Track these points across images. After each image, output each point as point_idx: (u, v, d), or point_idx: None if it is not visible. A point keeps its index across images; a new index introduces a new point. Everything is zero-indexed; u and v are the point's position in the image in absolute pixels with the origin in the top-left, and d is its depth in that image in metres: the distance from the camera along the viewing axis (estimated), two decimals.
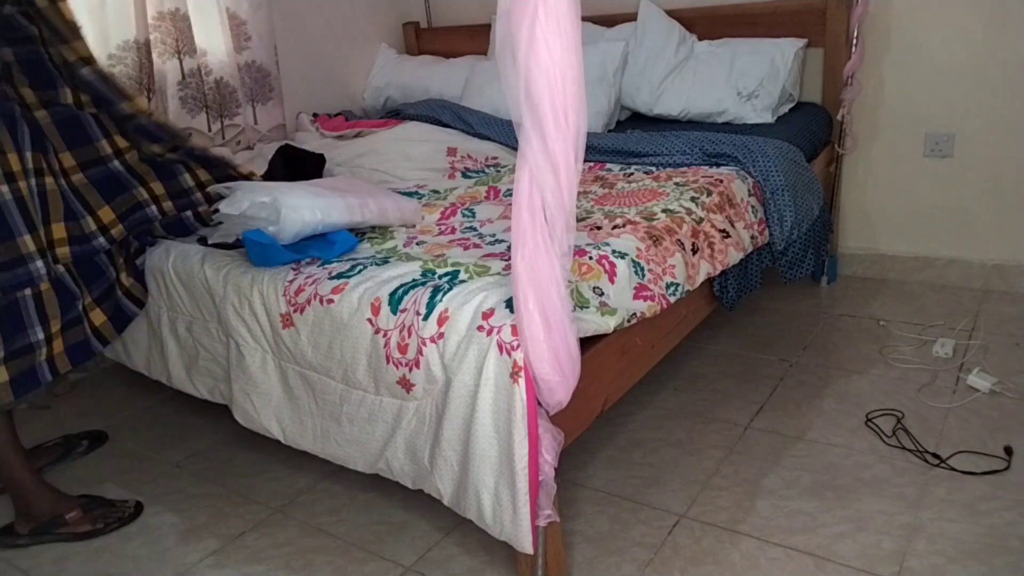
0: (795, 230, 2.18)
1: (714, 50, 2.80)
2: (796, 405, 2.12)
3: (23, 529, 1.81)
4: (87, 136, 1.83)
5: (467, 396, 1.38)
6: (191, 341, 1.91)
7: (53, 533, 1.81)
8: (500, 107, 2.87)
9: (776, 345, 2.47)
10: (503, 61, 1.16)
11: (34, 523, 1.81)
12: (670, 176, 2.16)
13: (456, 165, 2.58)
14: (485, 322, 1.38)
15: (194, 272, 1.85)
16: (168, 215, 1.99)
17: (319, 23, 3.28)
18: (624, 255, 1.62)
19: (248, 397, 1.77)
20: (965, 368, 2.19)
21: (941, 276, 2.81)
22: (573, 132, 1.18)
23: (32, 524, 1.81)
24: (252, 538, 1.79)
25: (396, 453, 1.54)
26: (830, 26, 2.69)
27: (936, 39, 2.61)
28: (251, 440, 2.01)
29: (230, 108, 2.88)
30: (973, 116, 2.61)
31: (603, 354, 1.56)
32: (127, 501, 1.92)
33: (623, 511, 1.76)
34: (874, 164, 2.84)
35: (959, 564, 1.51)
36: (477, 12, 3.50)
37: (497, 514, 1.38)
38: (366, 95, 3.49)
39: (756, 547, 1.61)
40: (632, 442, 2.02)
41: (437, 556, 1.67)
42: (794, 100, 2.76)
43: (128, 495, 1.96)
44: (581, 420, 1.56)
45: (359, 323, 1.53)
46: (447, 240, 1.84)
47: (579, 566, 1.60)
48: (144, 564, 1.73)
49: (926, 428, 1.94)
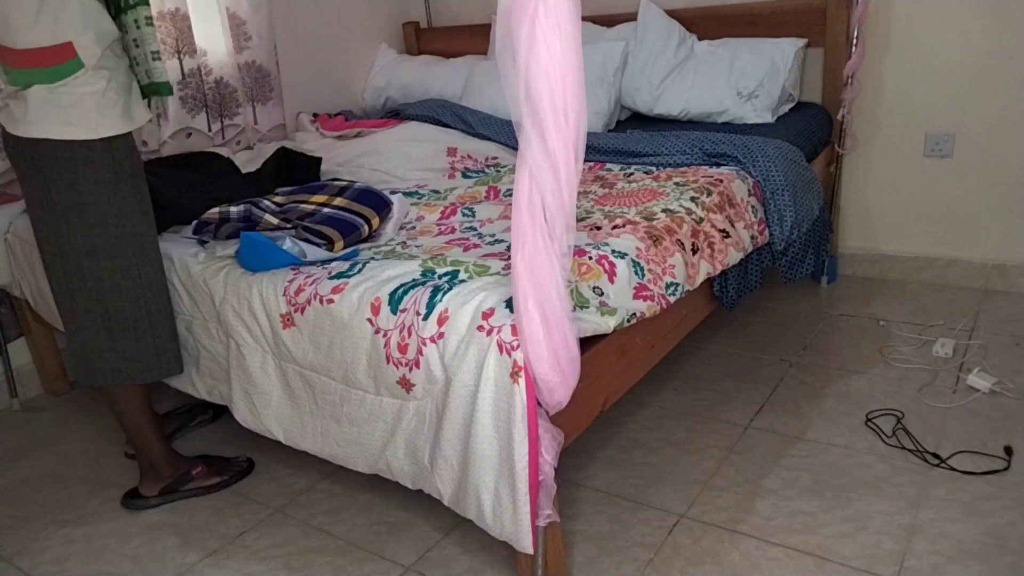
0: (795, 230, 2.18)
1: (714, 50, 2.80)
2: (796, 405, 2.12)
3: (151, 491, 1.93)
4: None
5: (467, 396, 1.38)
6: (191, 341, 1.91)
7: (182, 491, 1.94)
8: (500, 107, 2.87)
9: (776, 345, 2.47)
10: (503, 61, 1.16)
11: (163, 483, 1.93)
12: (670, 176, 2.16)
13: (456, 165, 2.58)
14: (485, 322, 1.38)
15: (194, 272, 1.85)
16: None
17: (319, 23, 3.28)
18: (624, 255, 1.62)
19: (248, 397, 1.77)
20: (965, 368, 2.18)
21: (941, 276, 2.81)
22: (573, 132, 1.18)
23: (161, 484, 1.93)
24: (252, 538, 1.79)
25: (396, 453, 1.54)
26: (830, 26, 2.69)
27: (936, 39, 2.61)
28: (251, 440, 2.01)
29: (230, 108, 2.88)
30: (973, 116, 2.61)
31: (603, 354, 1.56)
32: (239, 457, 2.05)
33: (623, 511, 1.76)
34: (874, 164, 2.84)
35: (959, 564, 1.50)
36: (477, 12, 3.50)
37: (497, 514, 1.38)
38: (366, 95, 3.49)
39: (756, 547, 1.60)
40: (632, 442, 2.02)
41: (437, 556, 1.67)
42: (794, 100, 2.76)
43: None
44: (581, 420, 1.56)
45: (359, 323, 1.53)
46: (446, 240, 1.84)
47: (579, 566, 1.60)
48: (144, 564, 1.74)
49: (926, 428, 1.94)
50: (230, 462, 2.03)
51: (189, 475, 1.94)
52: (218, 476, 1.97)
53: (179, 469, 1.94)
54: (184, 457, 1.99)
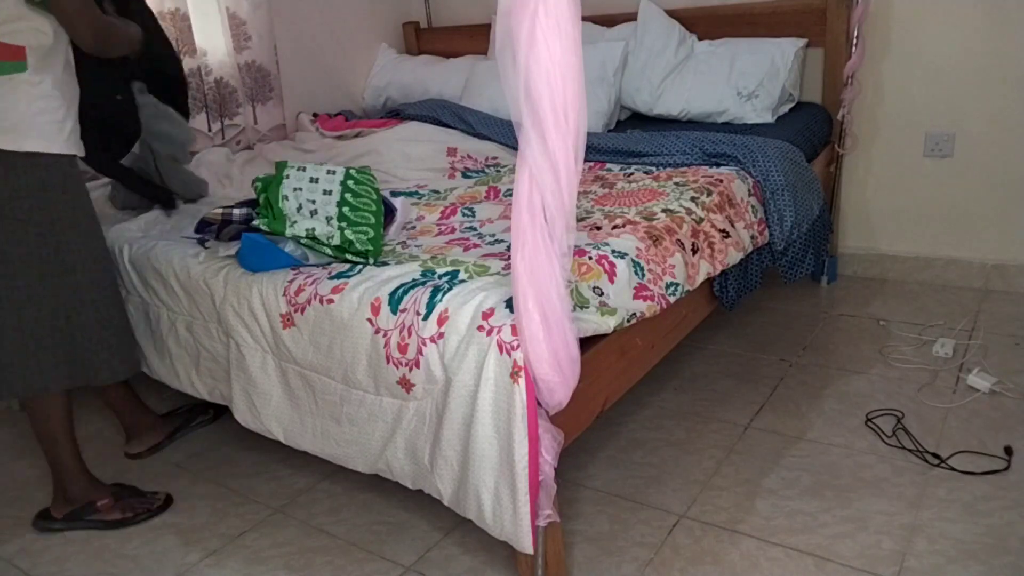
0: (795, 230, 2.18)
1: (714, 50, 2.80)
2: (796, 405, 2.12)
3: (59, 513, 1.86)
4: None
5: (467, 396, 1.38)
6: (192, 341, 1.91)
7: (84, 519, 1.86)
8: (500, 107, 2.87)
9: (776, 345, 2.47)
10: (503, 61, 1.16)
11: (69, 507, 1.86)
12: (670, 176, 2.16)
13: (456, 165, 2.58)
14: (485, 322, 1.38)
15: (194, 273, 1.85)
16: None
17: (319, 23, 3.28)
18: (624, 255, 1.62)
19: (248, 397, 1.77)
20: (965, 368, 2.18)
21: (941, 276, 2.81)
22: (573, 132, 1.18)
23: (68, 508, 1.86)
24: (252, 538, 1.79)
25: (396, 453, 1.54)
26: (830, 26, 2.69)
27: (936, 39, 2.60)
28: (251, 440, 2.01)
29: (230, 108, 2.88)
30: (973, 116, 2.61)
31: (603, 354, 1.56)
32: (157, 493, 1.94)
33: (623, 511, 1.76)
34: (874, 164, 2.84)
35: (959, 564, 1.51)
36: (477, 12, 3.50)
37: (497, 514, 1.38)
38: (366, 95, 3.49)
39: (756, 547, 1.60)
40: (632, 442, 2.02)
41: (437, 556, 1.67)
42: (794, 100, 2.76)
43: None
44: (581, 420, 1.56)
45: (359, 323, 1.53)
46: (447, 240, 1.84)
47: (579, 566, 1.60)
48: (144, 564, 1.74)
49: (926, 428, 1.94)
50: (145, 497, 1.92)
51: (94, 506, 1.85)
52: (120, 513, 1.86)
53: (88, 496, 1.86)
54: (98, 484, 1.90)
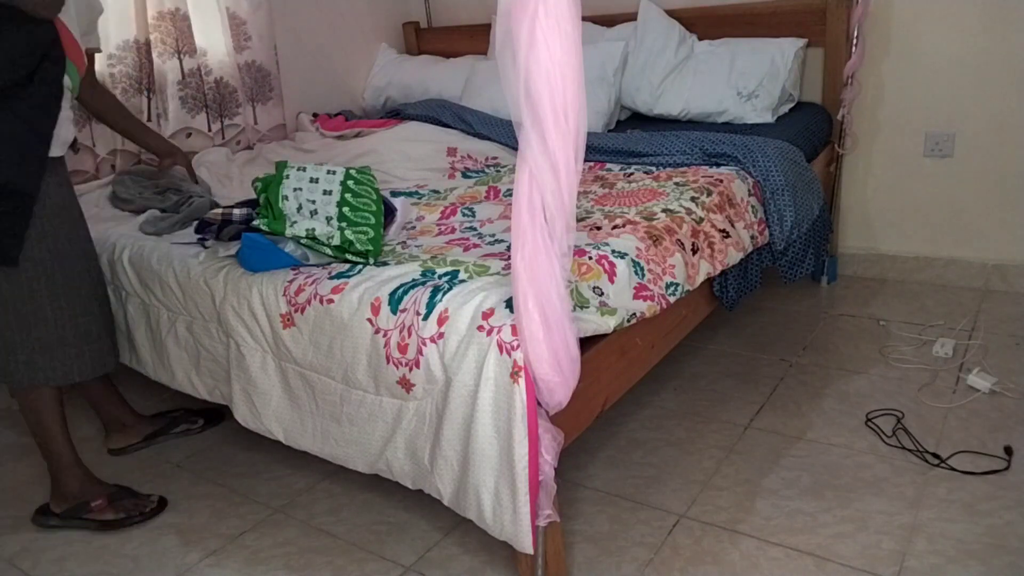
0: (795, 230, 2.18)
1: (714, 50, 2.80)
2: (796, 405, 2.12)
3: (58, 508, 1.86)
4: None
5: (467, 396, 1.38)
6: (192, 342, 1.91)
7: (80, 518, 1.85)
8: (500, 107, 2.87)
9: (776, 345, 2.47)
10: (503, 61, 1.16)
11: (66, 505, 1.86)
12: (670, 176, 2.16)
13: (456, 165, 2.58)
14: (485, 322, 1.38)
15: (194, 273, 1.85)
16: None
17: (319, 23, 3.28)
18: (624, 255, 1.62)
19: (248, 397, 1.77)
20: (965, 368, 2.18)
21: (941, 276, 2.81)
22: (573, 132, 1.18)
23: (64, 506, 1.86)
24: (252, 538, 1.79)
25: (396, 453, 1.54)
26: (830, 26, 2.69)
27: (936, 39, 2.60)
28: (251, 440, 2.01)
29: (230, 108, 2.88)
30: (973, 116, 2.61)
31: (603, 354, 1.56)
32: (151, 496, 1.93)
33: (623, 511, 1.76)
34: (874, 164, 2.84)
35: (959, 564, 1.50)
36: (477, 12, 3.50)
37: (497, 514, 1.38)
38: (366, 95, 3.49)
39: (756, 547, 1.60)
40: (632, 442, 2.02)
41: (437, 556, 1.67)
42: (794, 100, 2.76)
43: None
44: (581, 420, 1.56)
45: (359, 323, 1.53)
46: (447, 240, 1.84)
47: (579, 566, 1.60)
48: (144, 564, 1.73)
49: (926, 428, 1.94)
50: (140, 500, 1.91)
51: (88, 506, 1.85)
52: (113, 514, 1.85)
53: (84, 492, 1.86)
54: (96, 482, 1.90)
